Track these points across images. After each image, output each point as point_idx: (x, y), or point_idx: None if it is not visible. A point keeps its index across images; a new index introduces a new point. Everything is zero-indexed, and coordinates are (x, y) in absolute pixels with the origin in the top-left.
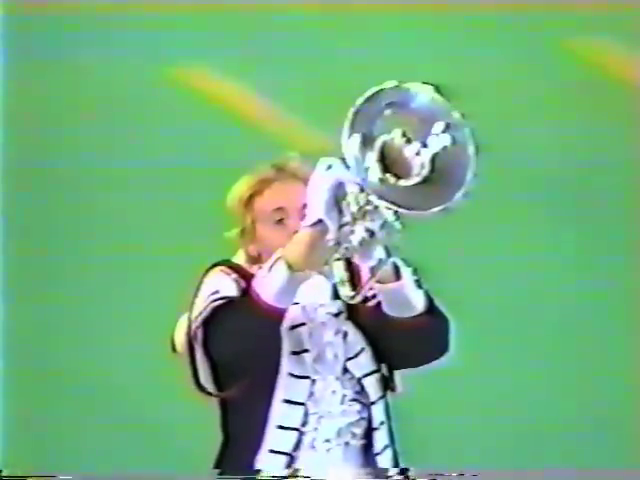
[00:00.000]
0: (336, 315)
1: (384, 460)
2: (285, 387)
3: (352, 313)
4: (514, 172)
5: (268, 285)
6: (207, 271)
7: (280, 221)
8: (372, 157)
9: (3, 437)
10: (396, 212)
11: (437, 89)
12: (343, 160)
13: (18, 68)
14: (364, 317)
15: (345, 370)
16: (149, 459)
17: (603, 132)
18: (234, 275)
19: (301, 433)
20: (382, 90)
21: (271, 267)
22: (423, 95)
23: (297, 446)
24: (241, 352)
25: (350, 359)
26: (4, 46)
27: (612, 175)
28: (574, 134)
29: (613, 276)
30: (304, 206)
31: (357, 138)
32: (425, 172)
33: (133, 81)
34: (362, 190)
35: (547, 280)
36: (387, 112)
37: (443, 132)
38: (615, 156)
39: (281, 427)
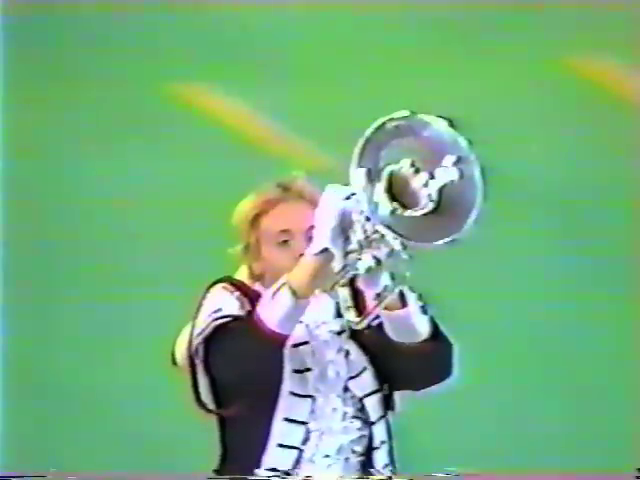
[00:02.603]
0: (339, 333)
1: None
2: (286, 406)
3: (355, 332)
4: (515, 196)
5: (272, 311)
6: (210, 287)
7: (285, 242)
8: (380, 188)
9: (3, 443)
10: (403, 242)
11: (450, 122)
12: (350, 188)
13: (17, 83)
14: (367, 337)
15: (346, 389)
16: (146, 474)
17: (604, 151)
18: (237, 293)
19: (301, 451)
20: (392, 119)
21: (275, 293)
22: (435, 126)
23: (297, 463)
24: (242, 372)
25: (352, 378)
26: (4, 62)
27: (613, 194)
28: (574, 152)
29: (615, 301)
30: (309, 228)
31: (365, 169)
32: (432, 204)
33: (134, 99)
34: (369, 219)
35: (549, 308)
36: (396, 141)
37: (453, 165)
38: (616, 176)
39: (281, 445)
